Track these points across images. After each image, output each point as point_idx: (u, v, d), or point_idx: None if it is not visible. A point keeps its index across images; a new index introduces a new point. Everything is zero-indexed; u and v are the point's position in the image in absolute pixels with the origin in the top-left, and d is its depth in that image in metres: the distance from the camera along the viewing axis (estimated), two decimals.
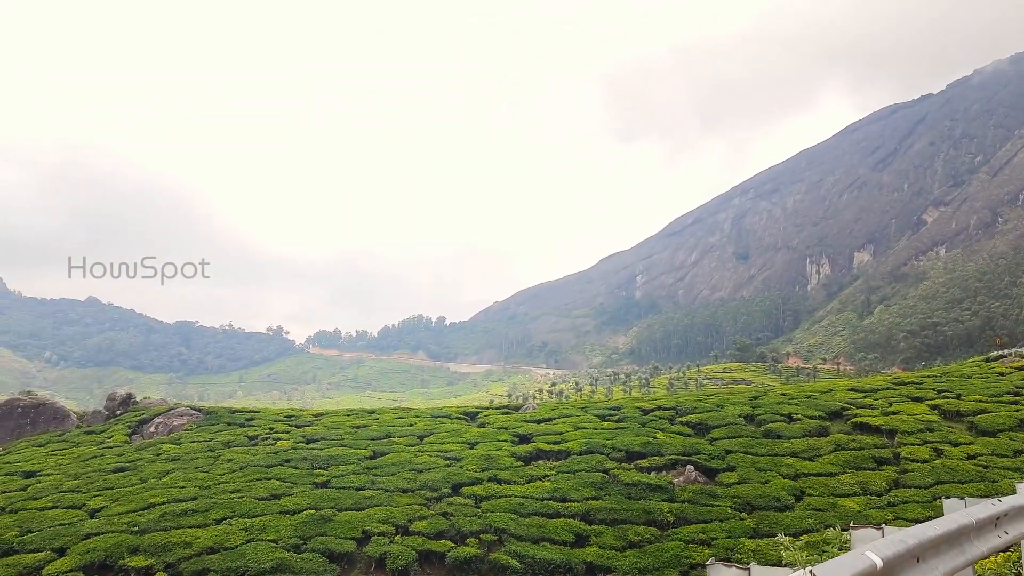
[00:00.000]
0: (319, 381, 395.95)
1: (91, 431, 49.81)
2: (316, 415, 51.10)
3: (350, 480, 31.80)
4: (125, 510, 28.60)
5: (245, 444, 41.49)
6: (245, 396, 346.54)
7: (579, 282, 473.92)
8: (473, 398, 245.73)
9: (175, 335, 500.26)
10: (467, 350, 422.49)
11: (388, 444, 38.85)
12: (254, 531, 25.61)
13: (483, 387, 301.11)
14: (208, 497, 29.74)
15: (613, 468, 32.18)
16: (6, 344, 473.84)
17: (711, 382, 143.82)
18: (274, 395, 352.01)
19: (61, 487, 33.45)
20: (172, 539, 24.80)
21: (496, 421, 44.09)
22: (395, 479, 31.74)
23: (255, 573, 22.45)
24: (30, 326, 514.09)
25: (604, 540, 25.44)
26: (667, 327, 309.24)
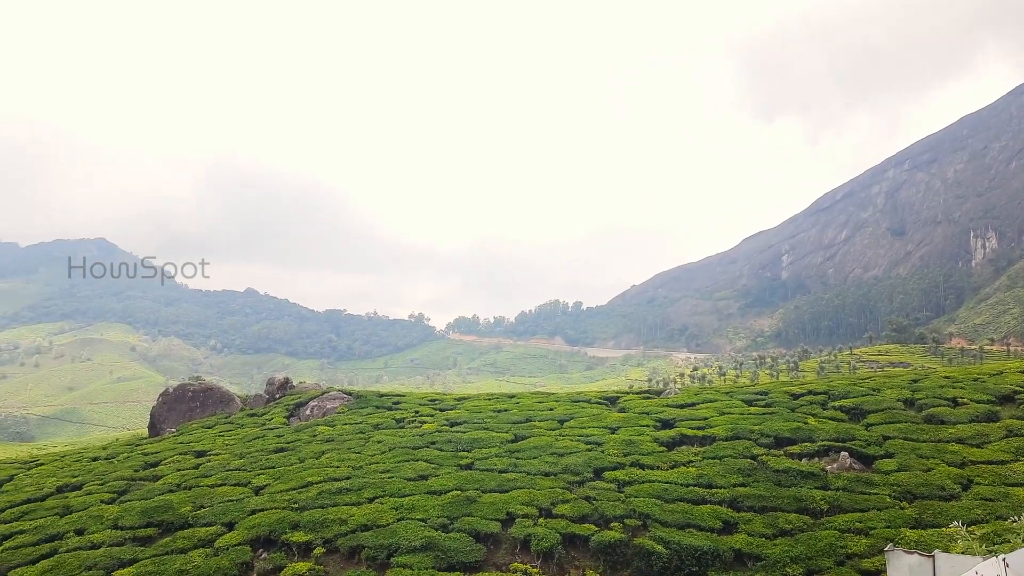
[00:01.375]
0: (459, 366, 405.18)
1: (253, 413, 53.06)
2: (458, 399, 52.28)
3: (493, 463, 32.32)
4: (286, 488, 30.27)
5: (393, 427, 43.01)
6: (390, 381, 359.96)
7: (720, 263, 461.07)
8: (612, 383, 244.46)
9: (325, 323, 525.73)
10: (605, 334, 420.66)
11: (529, 428, 39.21)
12: (404, 510, 26.48)
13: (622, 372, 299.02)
14: (360, 477, 31.01)
15: (761, 454, 31.12)
16: (176, 333, 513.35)
17: (865, 365, 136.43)
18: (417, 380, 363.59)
19: (228, 466, 35.80)
20: (329, 516, 26.01)
21: (637, 406, 43.60)
22: (537, 462, 31.98)
23: (406, 550, 23.19)
24: (196, 316, 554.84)
25: (753, 527, 24.65)
26: (816, 308, 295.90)
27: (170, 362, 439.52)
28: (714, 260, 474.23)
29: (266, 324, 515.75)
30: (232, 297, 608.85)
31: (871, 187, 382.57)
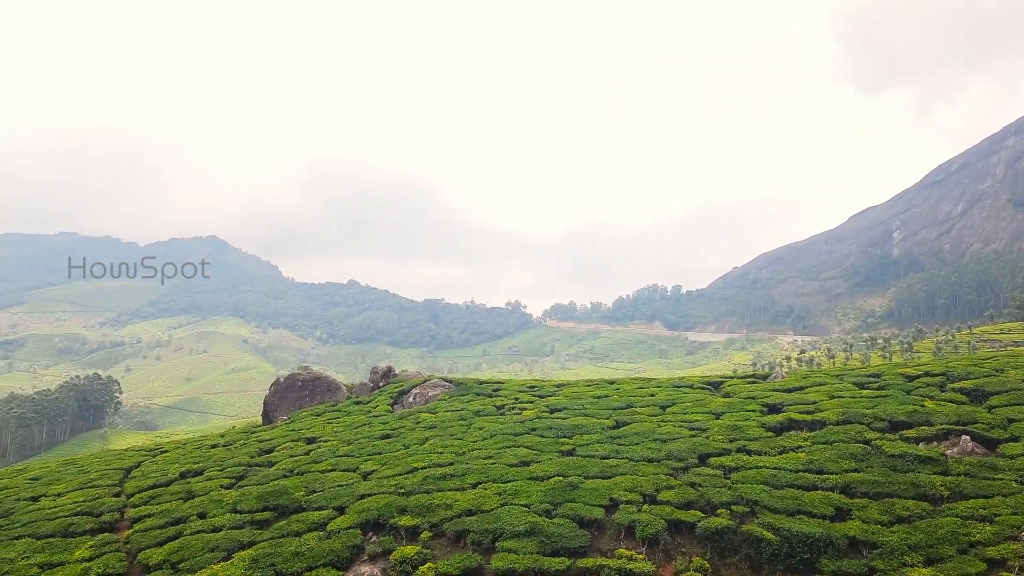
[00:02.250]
0: (557, 353, 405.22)
1: (359, 401, 54.56)
2: (557, 386, 52.30)
3: (595, 449, 32.19)
4: (392, 473, 31.00)
5: (493, 413, 43.41)
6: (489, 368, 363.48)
7: (826, 242, 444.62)
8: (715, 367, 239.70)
9: (424, 312, 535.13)
10: (706, 318, 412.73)
11: (630, 414, 38.87)
12: (507, 496, 26.70)
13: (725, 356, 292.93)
14: (463, 463, 31.44)
15: (875, 439, 29.89)
16: (285, 325, 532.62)
17: (986, 345, 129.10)
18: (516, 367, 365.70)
19: (337, 452, 36.93)
20: (434, 501, 26.49)
21: (742, 391, 42.58)
22: (639, 448, 31.67)
23: (510, 535, 23.39)
24: (303, 308, 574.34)
25: (868, 514, 23.72)
26: (931, 286, 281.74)
27: (279, 353, 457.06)
28: (820, 239, 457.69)
29: (368, 315, 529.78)
30: (335, 289, 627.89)
31: (989, 157, 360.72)
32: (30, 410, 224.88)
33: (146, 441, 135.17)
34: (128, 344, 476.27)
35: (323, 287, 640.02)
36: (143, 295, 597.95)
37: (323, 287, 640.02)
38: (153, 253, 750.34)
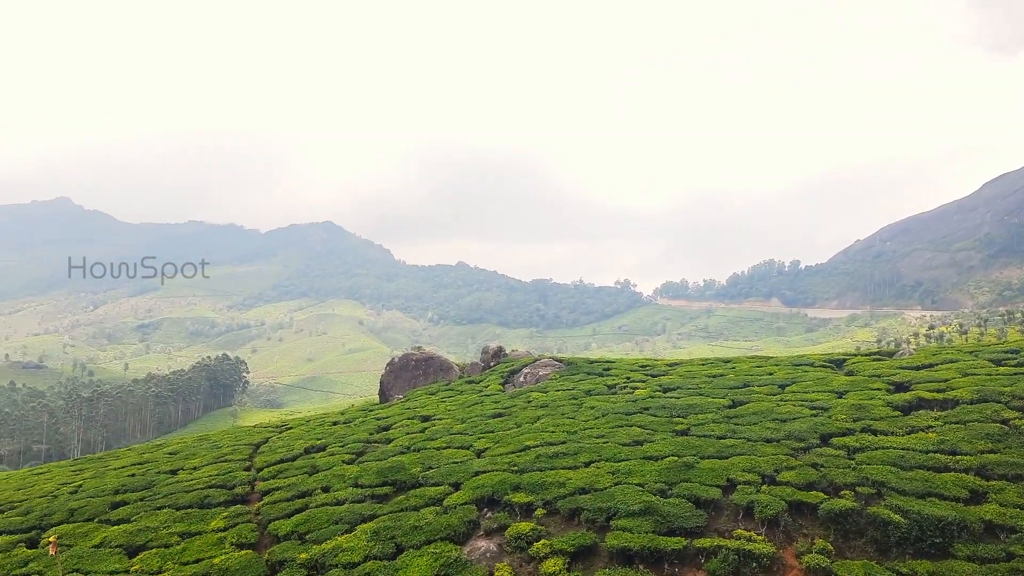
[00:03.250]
0: (668, 332, 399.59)
1: (471, 381, 55.42)
2: (670, 365, 51.54)
3: (710, 428, 31.57)
4: (505, 451, 31.36)
5: (604, 393, 43.22)
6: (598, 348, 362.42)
7: (957, 211, 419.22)
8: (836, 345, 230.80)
9: (533, 292, 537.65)
10: (826, 294, 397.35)
11: (747, 393, 37.90)
12: (620, 475, 26.54)
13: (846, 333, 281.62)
14: (575, 442, 31.46)
15: (1013, 418, 28.04)
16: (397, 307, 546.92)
17: None
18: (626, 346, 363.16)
19: (452, 430, 37.67)
20: (547, 479, 26.63)
21: (866, 368, 40.78)
22: (757, 428, 30.85)
23: (625, 514, 23.25)
24: (414, 290, 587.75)
25: (1006, 497, 22.31)
26: None
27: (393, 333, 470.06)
28: (950, 208, 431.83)
29: (477, 295, 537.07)
30: (445, 271, 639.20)
31: None
32: (166, 389, 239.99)
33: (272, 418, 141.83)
34: (253, 326, 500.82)
35: (433, 269, 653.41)
36: (266, 280, 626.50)
37: (433, 269, 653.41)
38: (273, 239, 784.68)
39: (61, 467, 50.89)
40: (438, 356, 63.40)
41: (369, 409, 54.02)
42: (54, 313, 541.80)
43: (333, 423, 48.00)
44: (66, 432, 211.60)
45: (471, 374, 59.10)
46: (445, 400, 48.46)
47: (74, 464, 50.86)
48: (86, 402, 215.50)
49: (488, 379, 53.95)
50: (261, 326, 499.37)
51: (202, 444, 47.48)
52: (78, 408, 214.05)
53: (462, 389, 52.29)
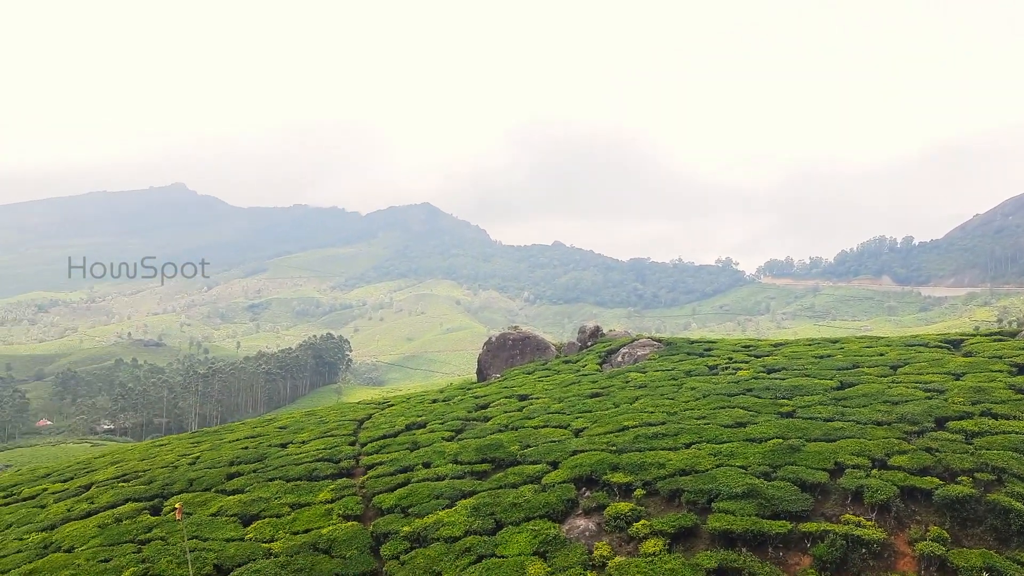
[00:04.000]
0: (772, 311, 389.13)
1: (568, 360, 55.41)
2: (775, 345, 50.16)
3: (817, 411, 30.58)
4: (603, 431, 31.24)
5: (705, 373, 42.44)
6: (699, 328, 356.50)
7: None
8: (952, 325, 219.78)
9: (630, 272, 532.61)
10: (941, 271, 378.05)
11: (856, 375, 36.51)
12: (722, 456, 26.05)
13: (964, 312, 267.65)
14: (675, 423, 31.04)
15: None
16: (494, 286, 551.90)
17: None
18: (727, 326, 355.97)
19: (549, 409, 37.78)
20: (647, 459, 26.39)
21: (986, 349, 38.62)
22: (867, 411, 29.69)
23: (727, 496, 22.83)
24: (511, 270, 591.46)
25: None
26: None
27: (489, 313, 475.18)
28: None
29: (573, 275, 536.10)
30: (541, 251, 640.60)
31: None
32: (275, 366, 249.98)
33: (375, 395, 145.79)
34: (355, 306, 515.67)
35: (529, 249, 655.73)
36: (367, 261, 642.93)
37: (529, 249, 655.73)
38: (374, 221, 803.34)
39: (180, 439, 53.75)
40: (535, 335, 63.64)
41: (467, 388, 54.79)
42: (172, 294, 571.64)
43: (432, 401, 48.93)
44: (184, 406, 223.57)
45: (568, 354, 59.09)
46: (542, 379, 48.63)
47: (192, 437, 53.63)
48: (202, 378, 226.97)
49: (585, 359, 53.83)
50: (363, 306, 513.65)
51: (310, 419, 49.21)
52: (195, 384, 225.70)
53: (559, 369, 52.36)
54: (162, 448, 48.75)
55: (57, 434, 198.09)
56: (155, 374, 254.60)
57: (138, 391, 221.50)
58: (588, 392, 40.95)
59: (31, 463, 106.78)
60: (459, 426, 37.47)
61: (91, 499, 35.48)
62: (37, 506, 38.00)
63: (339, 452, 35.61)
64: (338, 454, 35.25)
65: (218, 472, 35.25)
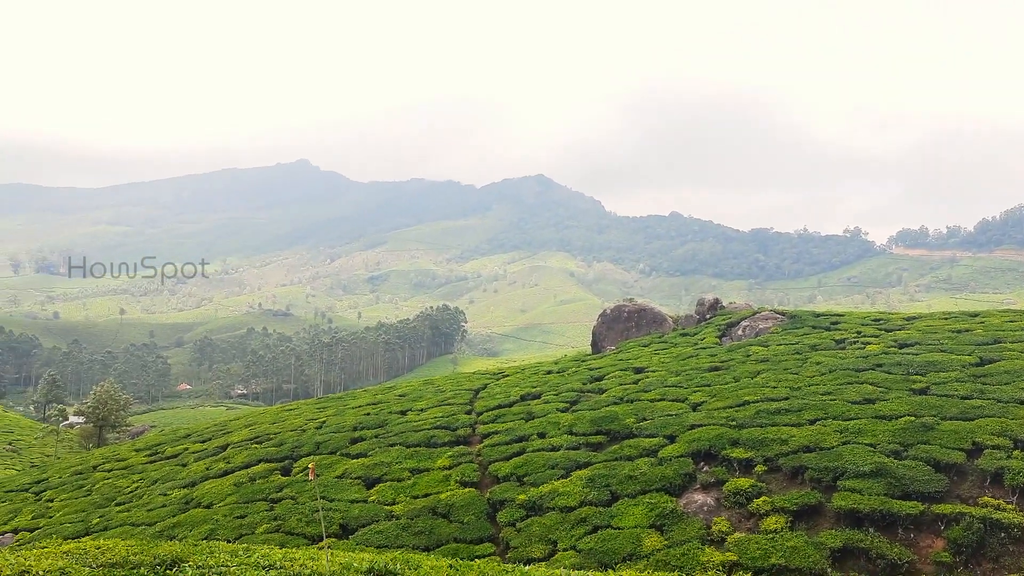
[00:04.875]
0: (904, 283, 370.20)
1: (685, 333, 54.42)
2: (907, 319, 47.63)
3: (953, 388, 28.85)
4: (722, 405, 30.55)
5: (832, 348, 40.77)
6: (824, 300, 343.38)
7: None
8: None
9: (751, 243, 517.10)
10: None
11: (998, 351, 34.19)
12: (849, 434, 25.00)
13: None
14: (799, 398, 29.99)
15: None
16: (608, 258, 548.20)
17: None
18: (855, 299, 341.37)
19: (665, 382, 37.25)
20: (768, 435, 25.64)
21: None
22: (1009, 389, 27.78)
23: (853, 475, 21.93)
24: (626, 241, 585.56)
25: None
26: None
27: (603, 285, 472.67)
28: None
29: (691, 246, 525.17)
30: (657, 221, 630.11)
31: None
32: (394, 336, 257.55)
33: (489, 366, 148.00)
34: (470, 278, 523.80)
35: (644, 220, 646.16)
36: (481, 233, 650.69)
37: (644, 220, 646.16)
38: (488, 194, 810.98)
39: (307, 404, 56.24)
40: (651, 308, 62.78)
41: (581, 360, 54.72)
42: (298, 266, 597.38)
43: (547, 372, 49.14)
44: (310, 373, 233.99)
45: (685, 327, 58.03)
46: (658, 352, 47.98)
47: (318, 403, 55.99)
48: (326, 347, 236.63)
49: (704, 332, 52.72)
50: (477, 278, 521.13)
51: (427, 388, 50.42)
52: (319, 352, 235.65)
53: (676, 342, 51.51)
54: (291, 413, 51.10)
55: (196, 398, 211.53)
56: (283, 342, 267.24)
57: (268, 358, 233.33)
58: (707, 366, 40.11)
59: (173, 424, 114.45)
60: (574, 398, 37.50)
61: (227, 459, 37.67)
62: (179, 464, 40.69)
63: (456, 420, 36.33)
64: (455, 422, 35.96)
65: (342, 436, 36.67)
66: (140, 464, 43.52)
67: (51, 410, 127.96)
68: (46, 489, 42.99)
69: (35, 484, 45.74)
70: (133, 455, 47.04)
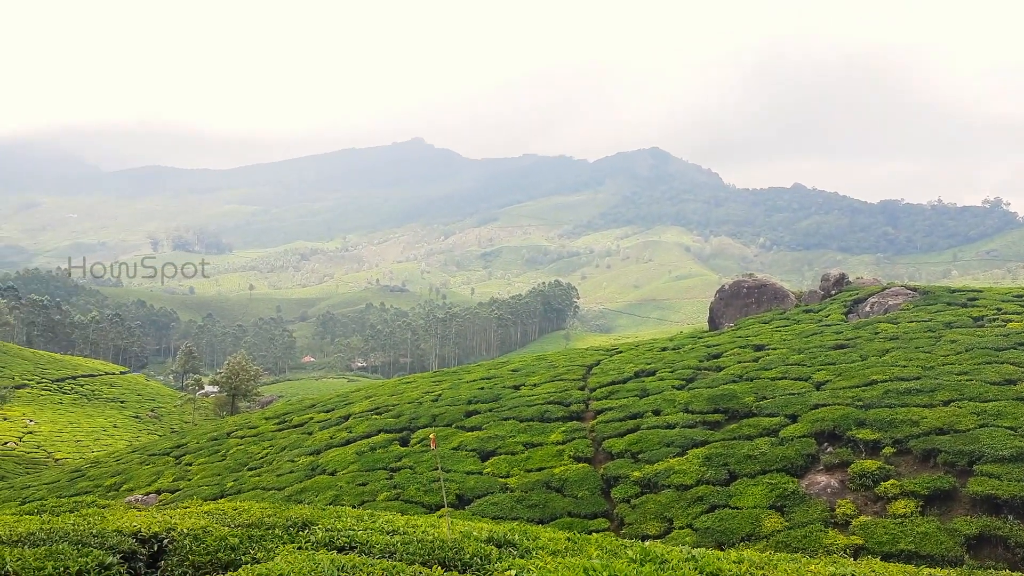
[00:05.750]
0: None
1: (808, 310, 52.47)
2: None
3: None
4: (848, 385, 29.30)
5: (968, 325, 38.41)
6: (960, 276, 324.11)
7: None
8: None
9: (880, 215, 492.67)
10: None
11: None
12: (987, 416, 23.51)
13: None
14: (932, 378, 28.41)
15: None
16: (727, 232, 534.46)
17: None
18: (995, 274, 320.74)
19: (787, 360, 36.04)
20: (897, 416, 24.43)
21: None
22: None
23: (991, 459, 20.63)
24: (745, 215, 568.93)
25: None
26: None
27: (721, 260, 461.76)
28: None
29: (815, 219, 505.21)
30: (778, 194, 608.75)
31: None
32: (507, 312, 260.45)
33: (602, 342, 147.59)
34: (582, 254, 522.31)
35: (765, 192, 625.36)
36: (593, 208, 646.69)
37: (765, 192, 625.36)
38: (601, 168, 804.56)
39: (423, 378, 57.66)
40: (772, 283, 60.82)
41: (698, 336, 53.70)
42: (413, 243, 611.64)
43: (662, 349, 48.47)
44: (425, 347, 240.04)
45: (808, 303, 55.94)
46: (780, 329, 46.47)
47: (434, 376, 57.31)
48: (440, 322, 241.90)
49: (828, 308, 50.68)
50: (590, 253, 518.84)
51: (540, 363, 50.71)
52: (434, 327, 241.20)
53: (799, 318, 49.75)
54: (408, 385, 52.51)
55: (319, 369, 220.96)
56: (399, 317, 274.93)
57: (385, 333, 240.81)
58: (831, 343, 38.57)
59: (298, 394, 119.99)
60: (690, 375, 36.84)
61: (349, 428, 39.14)
62: (305, 433, 42.59)
63: (569, 396, 36.38)
64: (568, 398, 36.01)
65: (458, 409, 37.40)
66: (269, 432, 45.80)
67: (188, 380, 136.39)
68: (185, 454, 45.92)
69: (175, 448, 48.92)
70: (263, 423, 49.55)
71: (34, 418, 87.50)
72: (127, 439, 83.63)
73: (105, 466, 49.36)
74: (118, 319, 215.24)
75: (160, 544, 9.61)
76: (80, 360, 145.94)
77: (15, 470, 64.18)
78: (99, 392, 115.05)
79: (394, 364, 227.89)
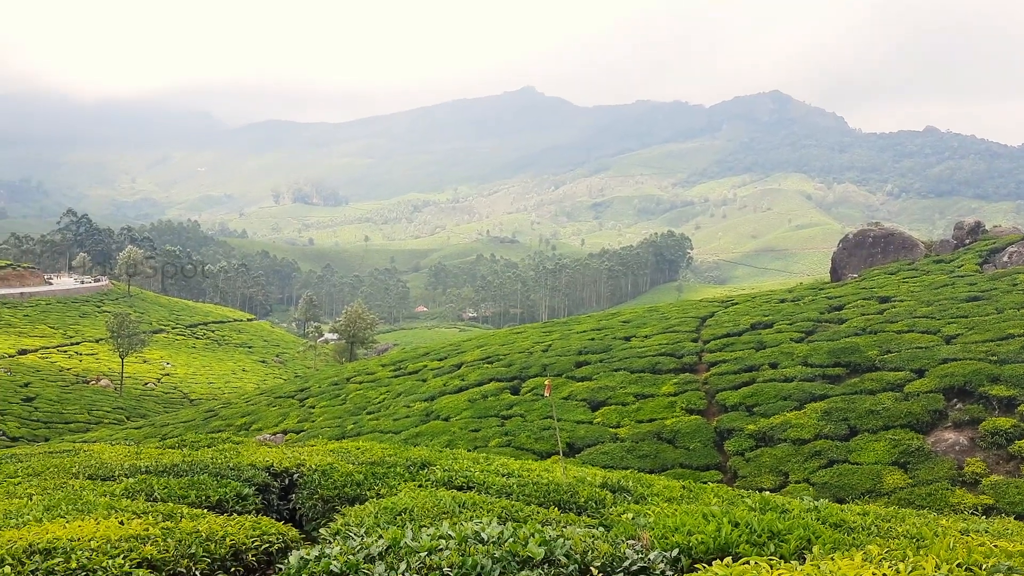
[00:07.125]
0: None
1: (939, 260, 49.68)
2: None
3: None
4: (981, 339, 27.69)
5: None
6: None
7: None
8: None
9: (1021, 159, 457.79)
10: None
11: None
12: None
13: None
14: None
15: None
16: (851, 179, 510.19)
17: None
18: None
19: (914, 312, 34.34)
20: None
21: None
22: None
23: None
24: (871, 161, 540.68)
25: None
26: None
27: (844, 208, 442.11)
28: None
29: (948, 165, 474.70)
30: (909, 138, 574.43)
31: None
32: (617, 263, 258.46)
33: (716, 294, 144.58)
34: (696, 203, 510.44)
35: (894, 136, 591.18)
36: (709, 156, 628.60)
37: (894, 136, 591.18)
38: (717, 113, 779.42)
39: (534, 328, 58.21)
40: (899, 232, 57.80)
41: (819, 288, 51.83)
42: (523, 193, 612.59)
43: (780, 300, 47.05)
44: (535, 298, 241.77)
45: (939, 253, 52.92)
46: (907, 281, 44.23)
47: (544, 327, 57.76)
48: (550, 273, 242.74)
49: (961, 258, 47.82)
50: (704, 203, 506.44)
51: (651, 315, 50.22)
52: (544, 278, 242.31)
53: (928, 269, 47.20)
54: (519, 336, 53.14)
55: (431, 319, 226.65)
56: (509, 268, 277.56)
57: (495, 284, 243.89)
58: (964, 295, 36.45)
59: (412, 343, 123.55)
60: (810, 327, 35.67)
61: (462, 376, 40.08)
62: (419, 380, 43.91)
63: (681, 348, 35.93)
64: (680, 350, 35.59)
65: (568, 360, 37.63)
66: (386, 378, 47.48)
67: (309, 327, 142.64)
68: (308, 397, 48.25)
69: (299, 392, 51.47)
70: (380, 369, 51.39)
71: (170, 361, 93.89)
72: (255, 382, 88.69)
73: (236, 407, 52.49)
74: (244, 269, 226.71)
75: (291, 478, 10.26)
76: (210, 307, 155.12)
77: (155, 408, 69.28)
78: (228, 338, 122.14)
79: (504, 315, 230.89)
